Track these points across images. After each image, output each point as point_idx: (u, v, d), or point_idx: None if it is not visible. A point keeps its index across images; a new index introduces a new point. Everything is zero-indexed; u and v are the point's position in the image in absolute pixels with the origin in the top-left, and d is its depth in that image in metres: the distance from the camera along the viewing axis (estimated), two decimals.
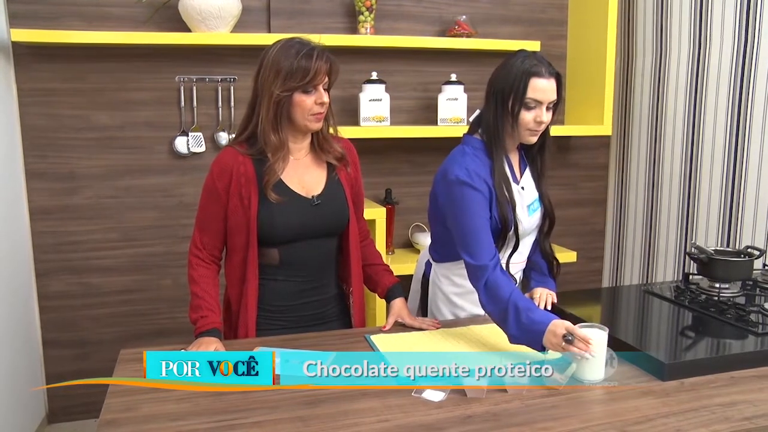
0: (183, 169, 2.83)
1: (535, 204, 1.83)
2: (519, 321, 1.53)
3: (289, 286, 1.76)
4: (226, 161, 1.70)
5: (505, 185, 1.74)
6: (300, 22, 2.84)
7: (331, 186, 1.77)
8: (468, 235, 1.68)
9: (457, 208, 1.71)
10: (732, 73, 2.65)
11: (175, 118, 2.79)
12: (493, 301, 1.61)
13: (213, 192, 1.71)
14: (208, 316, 1.66)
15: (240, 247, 1.72)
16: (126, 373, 1.48)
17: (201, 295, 1.70)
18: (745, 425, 1.23)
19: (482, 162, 1.74)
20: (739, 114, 2.63)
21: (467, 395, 1.34)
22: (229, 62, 2.80)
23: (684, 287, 1.97)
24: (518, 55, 1.72)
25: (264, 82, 1.62)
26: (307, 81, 1.60)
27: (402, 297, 1.85)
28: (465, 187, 1.69)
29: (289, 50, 1.61)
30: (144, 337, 2.84)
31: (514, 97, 1.67)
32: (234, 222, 1.71)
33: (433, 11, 3.02)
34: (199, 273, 1.73)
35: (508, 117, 1.69)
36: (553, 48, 3.20)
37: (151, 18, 2.67)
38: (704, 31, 2.77)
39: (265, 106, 1.63)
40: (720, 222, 2.72)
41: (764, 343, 1.58)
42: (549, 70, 1.68)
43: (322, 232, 1.76)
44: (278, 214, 1.68)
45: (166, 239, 2.85)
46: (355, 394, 1.37)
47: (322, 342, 1.68)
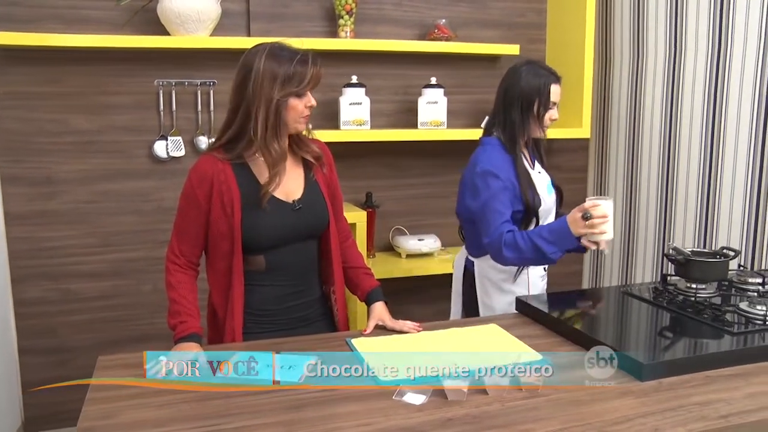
0: (162, 173, 2.81)
1: (550, 186, 2.15)
2: (547, 240, 1.85)
3: (275, 291, 1.77)
4: (205, 169, 1.69)
5: (526, 172, 2.03)
6: (280, 26, 2.83)
7: (309, 189, 1.78)
8: (486, 216, 1.96)
9: (479, 195, 1.98)
10: (706, 78, 2.69)
11: (154, 122, 2.77)
12: (518, 249, 1.88)
13: (192, 200, 1.70)
14: (187, 321, 1.65)
15: (224, 255, 1.71)
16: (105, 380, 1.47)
17: (179, 301, 1.70)
18: (720, 423, 1.25)
19: (503, 157, 2.03)
20: (714, 118, 2.67)
21: (448, 398, 1.35)
22: (209, 66, 2.79)
23: (662, 288, 1.99)
24: (528, 66, 2.06)
25: (259, 89, 1.60)
26: (304, 85, 1.63)
27: (382, 301, 1.85)
28: (488, 176, 1.98)
29: (280, 56, 1.62)
30: (123, 344, 2.82)
31: (540, 101, 2.02)
32: (217, 230, 1.70)
33: (413, 15, 3.03)
34: (176, 279, 1.73)
35: (534, 118, 2.04)
36: (532, 52, 3.23)
37: (129, 21, 2.66)
38: (679, 37, 2.82)
39: (263, 113, 1.61)
40: (696, 223, 2.76)
41: (739, 343, 1.60)
42: (556, 75, 2.07)
43: (305, 236, 1.77)
44: (262, 221, 1.68)
45: (146, 244, 2.82)
46: (337, 398, 1.37)
47: (302, 346, 1.67)
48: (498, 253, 1.93)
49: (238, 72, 1.65)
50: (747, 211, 2.55)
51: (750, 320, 1.71)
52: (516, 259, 1.92)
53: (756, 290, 1.94)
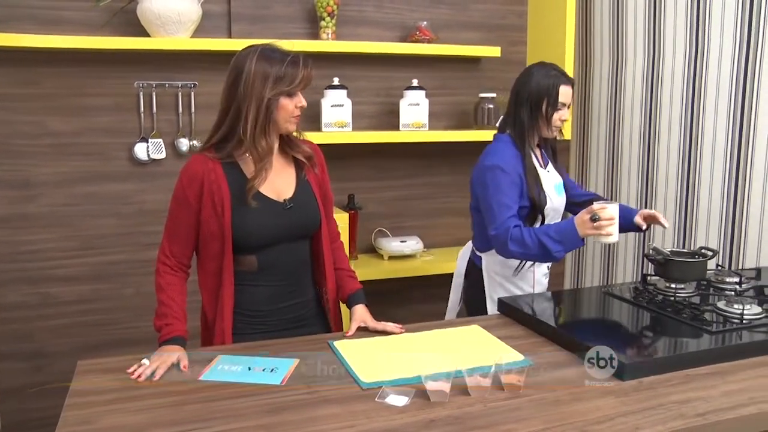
0: (143, 176, 2.78)
1: (560, 186, 2.19)
2: (553, 239, 1.91)
3: (267, 291, 1.77)
4: (195, 169, 1.69)
5: (534, 170, 2.08)
6: (261, 28, 2.82)
7: (301, 189, 1.79)
8: (493, 208, 2.01)
9: (487, 188, 2.04)
10: (684, 79, 2.72)
11: (135, 125, 2.75)
12: (523, 244, 1.94)
13: (183, 200, 1.71)
14: (172, 324, 1.66)
15: (214, 255, 1.72)
16: (84, 384, 1.45)
17: (167, 303, 1.70)
18: (698, 421, 1.26)
19: (513, 153, 2.09)
20: (692, 119, 2.70)
21: (430, 399, 1.35)
22: (190, 68, 2.77)
23: (642, 288, 2.01)
24: (541, 66, 2.12)
25: (250, 89, 1.62)
26: (295, 85, 1.65)
27: (363, 303, 1.86)
28: (496, 170, 2.04)
29: (272, 57, 1.64)
30: (104, 348, 2.79)
31: (548, 102, 2.06)
32: (207, 230, 1.70)
33: (395, 17, 3.04)
34: (166, 281, 1.74)
35: (542, 118, 2.08)
36: (513, 54, 3.25)
37: (108, 22, 2.63)
38: (658, 38, 2.85)
39: (254, 111, 1.63)
40: (676, 224, 2.79)
41: (717, 341, 1.63)
42: (568, 77, 2.11)
43: (296, 236, 1.78)
44: (252, 220, 1.69)
45: (127, 247, 2.80)
46: (318, 400, 1.37)
47: (284, 349, 1.67)
48: (503, 247, 1.99)
49: (230, 73, 1.67)
50: (724, 212, 2.59)
51: (727, 319, 1.73)
52: (520, 254, 1.98)
53: (733, 289, 1.97)
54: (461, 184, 3.26)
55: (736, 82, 2.51)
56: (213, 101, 2.79)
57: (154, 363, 1.52)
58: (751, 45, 2.44)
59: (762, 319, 1.73)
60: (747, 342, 1.62)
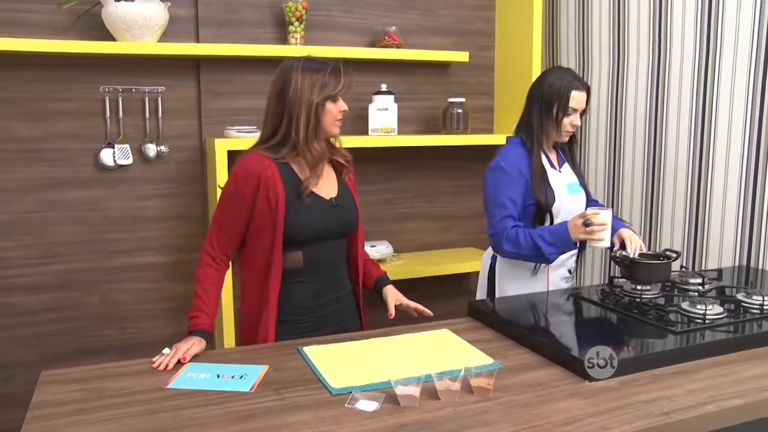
0: (109, 182, 2.74)
1: (575, 186, 2.20)
2: (547, 241, 1.98)
3: (312, 287, 1.88)
4: (252, 165, 1.80)
5: (541, 171, 2.10)
6: (229, 32, 2.81)
7: (342, 189, 1.94)
8: (491, 208, 2.09)
9: (489, 187, 2.11)
10: (648, 84, 2.78)
11: (100, 130, 2.70)
12: (517, 244, 2.01)
13: (238, 195, 1.80)
14: (198, 317, 1.76)
15: (263, 248, 1.82)
16: (47, 396, 1.42)
17: (200, 295, 1.80)
18: (663, 420, 1.29)
19: (521, 154, 2.13)
20: (656, 123, 2.76)
21: (400, 404, 1.35)
22: (157, 72, 2.74)
23: (609, 290, 2.04)
24: (556, 71, 2.15)
25: (299, 95, 1.77)
26: (338, 90, 1.81)
27: (391, 284, 2.05)
28: (497, 171, 2.10)
29: (315, 66, 1.80)
30: (69, 358, 2.73)
31: (558, 106, 2.09)
32: (260, 224, 1.81)
33: (363, 22, 3.04)
34: (205, 272, 1.83)
35: (552, 121, 2.11)
36: (481, 59, 3.28)
37: (72, 26, 2.59)
38: (623, 44, 2.90)
39: (305, 116, 1.78)
40: (641, 227, 2.84)
41: (682, 341, 1.66)
42: (583, 83, 2.12)
43: (340, 233, 1.92)
44: (304, 215, 1.81)
45: (93, 254, 2.75)
46: (288, 407, 1.36)
47: (253, 355, 1.66)
48: (498, 245, 2.07)
49: (276, 84, 1.82)
50: (688, 215, 2.64)
51: (691, 319, 1.77)
52: (513, 253, 2.06)
53: (696, 290, 2.01)
54: (430, 189, 3.28)
55: (697, 87, 2.56)
56: (181, 106, 2.79)
57: (175, 351, 1.61)
58: (710, 49, 2.50)
59: (723, 319, 1.77)
60: (709, 341, 1.66)
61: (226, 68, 2.82)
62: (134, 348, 2.82)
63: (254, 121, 2.85)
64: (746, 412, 1.37)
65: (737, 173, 2.44)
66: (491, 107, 3.35)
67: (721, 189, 2.50)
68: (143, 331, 2.85)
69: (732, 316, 1.80)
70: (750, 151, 2.39)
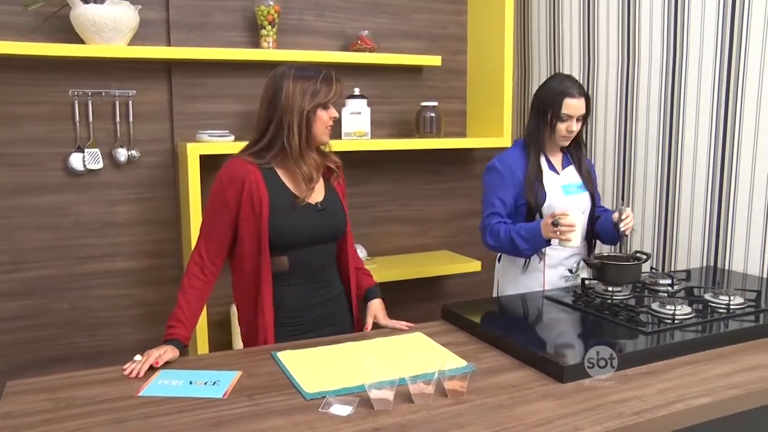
0: (79, 186, 2.70)
1: (573, 188, 2.25)
2: (522, 236, 2.08)
3: (300, 289, 1.87)
4: (236, 170, 1.80)
5: (536, 173, 2.19)
6: (201, 36, 2.79)
7: (330, 194, 1.94)
8: (483, 204, 2.23)
9: (485, 185, 2.25)
10: (618, 87, 2.82)
11: (70, 134, 2.66)
12: (498, 238, 2.14)
13: (222, 200, 1.80)
14: (176, 327, 1.74)
15: (251, 254, 1.82)
16: (14, 406, 1.39)
17: (182, 306, 1.78)
18: (634, 420, 1.31)
19: (517, 155, 2.24)
20: (626, 127, 2.80)
21: (374, 408, 1.35)
22: (127, 76, 2.71)
23: (581, 292, 2.07)
24: (556, 77, 2.22)
25: (291, 102, 1.77)
26: (330, 97, 1.81)
27: (379, 298, 2.01)
28: (492, 171, 2.23)
29: (306, 74, 1.81)
30: (39, 366, 2.68)
31: (552, 112, 2.16)
32: (245, 230, 1.80)
33: (336, 26, 3.04)
34: (191, 284, 1.81)
35: (547, 126, 2.18)
36: (453, 63, 3.30)
37: (39, 28, 2.54)
38: (593, 48, 2.94)
39: (297, 123, 1.78)
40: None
41: (652, 341, 1.68)
42: (580, 91, 2.16)
43: (327, 237, 1.91)
44: (289, 220, 1.81)
45: (62, 260, 2.71)
46: (262, 413, 1.35)
47: (227, 361, 1.64)
48: (483, 238, 2.21)
49: (267, 90, 1.82)
50: (657, 217, 2.68)
51: (661, 320, 1.80)
52: (494, 247, 2.19)
53: (666, 291, 2.04)
54: (404, 193, 3.28)
55: (665, 92, 2.61)
56: (152, 110, 2.77)
57: (147, 358, 1.60)
58: (677, 51, 2.55)
59: (692, 319, 1.80)
60: (678, 341, 1.69)
61: (198, 72, 2.80)
62: (106, 355, 2.78)
63: (226, 125, 2.84)
64: (713, 410, 1.40)
65: (704, 176, 2.49)
66: (464, 111, 3.37)
67: (688, 192, 2.55)
68: (115, 337, 2.81)
69: (700, 316, 1.84)
70: (716, 154, 2.44)
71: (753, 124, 2.31)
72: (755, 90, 2.29)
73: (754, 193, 2.33)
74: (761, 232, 2.32)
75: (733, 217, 2.40)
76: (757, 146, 2.30)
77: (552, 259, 2.24)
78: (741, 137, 2.35)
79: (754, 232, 2.34)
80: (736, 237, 2.40)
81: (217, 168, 1.85)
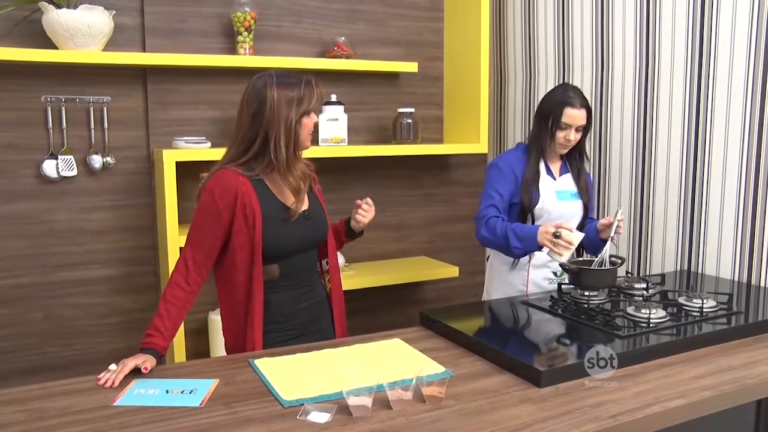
0: (53, 194, 2.66)
1: (567, 195, 2.32)
2: (517, 236, 2.11)
3: (288, 294, 1.88)
4: (228, 181, 1.78)
5: (533, 175, 2.27)
6: (176, 42, 2.77)
7: (313, 202, 1.94)
8: (482, 196, 2.29)
9: (485, 181, 2.32)
10: (592, 94, 2.85)
11: (43, 141, 2.63)
12: (493, 232, 2.17)
13: (213, 211, 1.78)
14: (154, 336, 1.70)
15: (243, 265, 1.81)
16: None
17: (162, 315, 1.74)
18: (610, 423, 1.32)
19: (518, 156, 2.33)
20: (601, 133, 2.83)
21: (353, 415, 1.35)
22: (102, 82, 2.68)
23: (558, 297, 2.08)
24: (561, 87, 2.30)
25: (277, 114, 1.75)
26: (313, 104, 1.81)
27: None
28: (493, 168, 2.33)
29: (288, 82, 1.78)
30: (12, 378, 2.63)
31: (553, 120, 2.24)
32: (238, 241, 1.79)
33: (313, 32, 3.04)
34: (174, 293, 1.77)
35: (547, 133, 2.26)
36: (430, 69, 3.31)
37: (10, 32, 2.51)
38: (567, 55, 2.97)
39: (284, 135, 1.76)
40: None
41: (628, 345, 1.70)
42: (581, 102, 2.23)
43: (314, 244, 1.94)
44: (282, 231, 1.82)
45: (35, 269, 2.66)
46: (239, 421, 1.34)
47: (204, 369, 1.63)
48: (478, 231, 2.24)
49: (249, 102, 1.79)
50: (632, 221, 2.72)
51: (636, 323, 1.82)
52: (486, 240, 2.22)
53: (641, 295, 2.06)
54: (382, 199, 3.28)
55: (639, 93, 2.65)
56: (127, 117, 2.74)
57: (122, 367, 1.58)
58: (649, 59, 2.59)
59: (666, 323, 1.83)
60: (654, 344, 1.71)
61: (174, 78, 2.78)
62: (81, 365, 2.74)
63: (203, 132, 2.82)
64: (688, 412, 1.42)
65: (678, 183, 2.53)
66: (441, 117, 3.39)
67: (662, 197, 2.59)
68: (90, 347, 2.77)
69: (674, 320, 1.86)
70: (688, 160, 2.48)
71: (723, 131, 2.35)
72: (724, 98, 2.34)
73: (725, 199, 2.37)
74: (732, 236, 2.36)
75: (705, 222, 2.44)
76: (727, 153, 2.35)
77: (538, 259, 2.30)
78: (712, 144, 2.40)
79: (726, 236, 2.38)
80: (708, 241, 2.44)
81: (195, 174, 1.85)
